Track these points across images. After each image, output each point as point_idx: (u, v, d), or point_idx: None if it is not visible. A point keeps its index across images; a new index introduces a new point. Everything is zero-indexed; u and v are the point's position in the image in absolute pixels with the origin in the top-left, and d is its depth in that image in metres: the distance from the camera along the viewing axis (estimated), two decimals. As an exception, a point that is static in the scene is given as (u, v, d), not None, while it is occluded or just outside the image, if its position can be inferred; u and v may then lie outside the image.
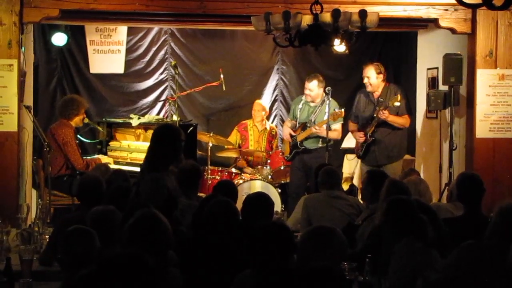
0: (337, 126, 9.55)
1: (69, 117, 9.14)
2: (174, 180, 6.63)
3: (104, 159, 9.62)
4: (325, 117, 9.42)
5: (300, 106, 9.86)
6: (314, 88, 9.61)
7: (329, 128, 9.28)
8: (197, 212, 5.40)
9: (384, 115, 9.01)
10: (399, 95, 8.98)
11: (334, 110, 9.30)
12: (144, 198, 5.80)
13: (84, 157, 9.24)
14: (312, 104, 9.73)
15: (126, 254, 3.69)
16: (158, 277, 3.67)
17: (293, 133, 9.75)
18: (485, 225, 5.29)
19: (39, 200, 8.35)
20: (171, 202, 5.82)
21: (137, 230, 4.31)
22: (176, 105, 10.12)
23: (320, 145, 9.57)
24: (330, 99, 9.33)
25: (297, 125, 9.81)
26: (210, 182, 9.95)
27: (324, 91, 9.57)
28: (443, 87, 9.58)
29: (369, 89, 9.30)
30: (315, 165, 8.98)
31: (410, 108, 9.44)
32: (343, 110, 9.36)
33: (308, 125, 9.61)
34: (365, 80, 9.29)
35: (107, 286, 3.51)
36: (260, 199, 5.77)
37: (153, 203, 5.48)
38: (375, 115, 9.17)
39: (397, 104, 8.98)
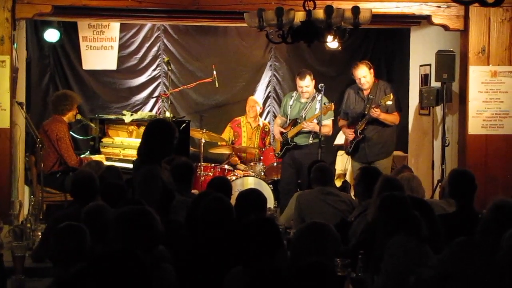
0: (328, 121, 9.56)
1: (62, 113, 9.13)
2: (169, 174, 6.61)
3: (96, 157, 9.58)
4: (316, 113, 9.45)
5: (291, 102, 9.86)
6: (309, 83, 9.61)
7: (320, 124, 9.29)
8: (191, 208, 5.39)
9: (376, 113, 9.03)
10: (391, 94, 8.99)
11: (324, 104, 9.30)
12: (139, 191, 5.79)
13: (78, 155, 9.24)
14: (302, 100, 9.73)
15: (118, 250, 3.68)
16: (150, 273, 3.66)
17: (283, 131, 9.76)
18: (477, 221, 5.30)
19: (32, 196, 8.33)
20: (168, 194, 5.82)
21: (125, 226, 4.32)
22: (169, 102, 10.14)
23: (311, 141, 9.58)
24: (321, 95, 9.34)
25: (288, 121, 9.81)
26: (203, 178, 9.95)
27: (316, 87, 9.58)
28: (435, 84, 9.59)
29: (366, 87, 9.29)
30: (305, 161, 9.00)
31: (400, 105, 9.45)
32: (332, 103, 9.38)
33: (299, 121, 9.61)
34: (362, 80, 9.25)
35: (99, 283, 3.51)
36: (253, 195, 5.76)
37: (148, 196, 5.47)
38: (365, 112, 9.18)
39: (389, 103, 9.00)
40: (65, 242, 4.37)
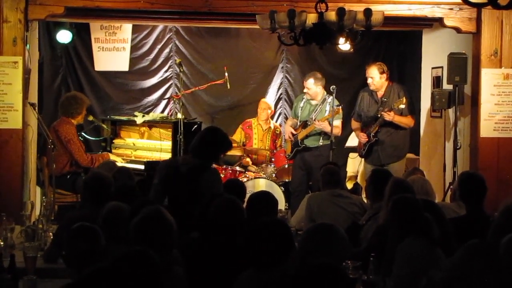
0: (337, 122, 9.55)
1: (72, 116, 9.11)
2: None
3: (111, 156, 9.59)
4: (326, 114, 9.47)
5: (301, 104, 9.89)
6: (311, 86, 9.65)
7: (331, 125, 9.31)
8: (202, 210, 5.38)
9: (390, 116, 9.00)
10: (404, 98, 8.97)
11: (332, 107, 9.31)
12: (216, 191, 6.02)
13: (88, 153, 9.25)
14: (313, 102, 9.75)
15: (136, 252, 3.70)
16: (163, 276, 3.68)
17: (294, 132, 9.76)
18: (488, 225, 5.29)
19: (43, 197, 8.35)
20: None
21: (143, 228, 4.33)
22: (181, 103, 10.13)
23: (321, 143, 9.59)
24: (332, 97, 9.34)
25: (298, 123, 9.82)
26: (214, 180, 9.93)
27: (326, 89, 9.60)
28: (447, 86, 9.57)
29: (371, 88, 9.30)
30: (316, 164, 9.01)
31: (413, 109, 9.44)
32: (340, 107, 9.40)
33: (309, 123, 9.63)
34: (369, 80, 9.29)
35: (113, 283, 3.52)
36: (264, 197, 5.76)
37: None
38: (379, 115, 9.16)
39: (402, 106, 8.98)
40: (79, 243, 4.38)
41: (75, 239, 4.41)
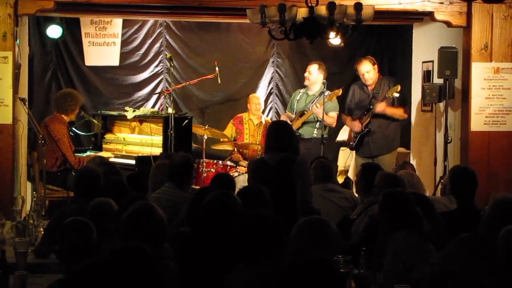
0: (333, 113, 9.60)
1: (66, 112, 9.11)
2: None
3: (103, 154, 9.57)
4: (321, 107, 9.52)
5: (298, 97, 10.00)
6: (313, 71, 9.75)
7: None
8: (192, 204, 5.34)
9: (381, 107, 9.04)
10: (398, 86, 9.03)
11: (324, 95, 9.37)
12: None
13: (76, 155, 9.21)
14: (310, 93, 9.83)
15: (130, 246, 3.70)
16: (157, 270, 3.68)
17: (290, 122, 9.77)
18: (478, 218, 5.30)
19: (34, 192, 8.34)
20: None
21: (133, 222, 4.33)
22: (171, 98, 10.11)
23: (315, 135, 9.63)
24: (329, 92, 9.40)
25: (294, 115, 9.87)
26: (205, 174, 9.93)
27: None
28: (438, 80, 9.59)
29: (369, 82, 9.32)
30: (306, 157, 9.01)
31: (405, 101, 9.47)
32: (341, 88, 9.48)
33: (306, 111, 9.68)
34: (366, 76, 9.30)
35: (108, 277, 3.52)
36: (255, 192, 5.74)
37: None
38: (371, 106, 9.19)
39: (396, 94, 9.02)
40: (72, 237, 4.38)
41: (68, 234, 4.41)
